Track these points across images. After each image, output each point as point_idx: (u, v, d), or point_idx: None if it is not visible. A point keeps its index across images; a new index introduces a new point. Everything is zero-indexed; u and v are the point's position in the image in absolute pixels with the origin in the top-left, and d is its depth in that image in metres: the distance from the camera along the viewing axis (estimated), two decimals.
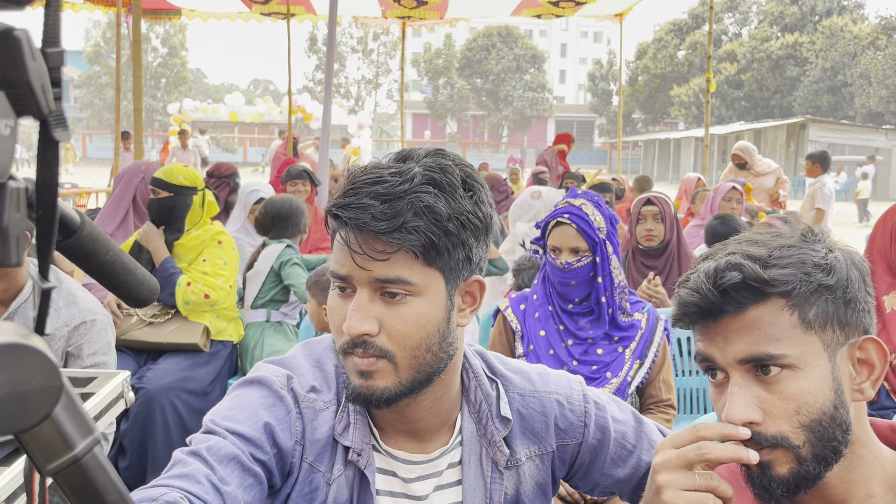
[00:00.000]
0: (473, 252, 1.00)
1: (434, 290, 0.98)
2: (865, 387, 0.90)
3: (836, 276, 0.88)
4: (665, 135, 39.35)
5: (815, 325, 0.87)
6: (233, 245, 3.25)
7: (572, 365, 2.10)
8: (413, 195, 0.94)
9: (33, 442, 0.47)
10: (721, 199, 4.65)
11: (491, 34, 48.30)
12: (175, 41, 46.70)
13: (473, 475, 1.10)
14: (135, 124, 5.76)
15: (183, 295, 3.03)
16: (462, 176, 0.99)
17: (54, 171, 0.48)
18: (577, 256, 2.08)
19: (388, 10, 8.96)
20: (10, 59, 0.43)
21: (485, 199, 1.01)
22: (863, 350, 0.90)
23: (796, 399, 0.86)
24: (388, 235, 0.93)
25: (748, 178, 6.57)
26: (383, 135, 50.74)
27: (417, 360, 0.99)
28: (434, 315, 0.99)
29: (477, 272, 1.04)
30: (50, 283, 0.51)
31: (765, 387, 0.88)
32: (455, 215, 0.96)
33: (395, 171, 0.96)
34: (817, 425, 0.87)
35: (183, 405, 2.85)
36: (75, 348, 2.20)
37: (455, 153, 1.04)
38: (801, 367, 0.87)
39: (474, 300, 1.06)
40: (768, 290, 0.86)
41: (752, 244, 0.91)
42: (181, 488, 0.89)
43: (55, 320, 2.17)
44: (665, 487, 0.88)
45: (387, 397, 0.99)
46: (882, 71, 33.08)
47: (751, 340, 0.87)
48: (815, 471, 0.88)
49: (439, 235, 0.95)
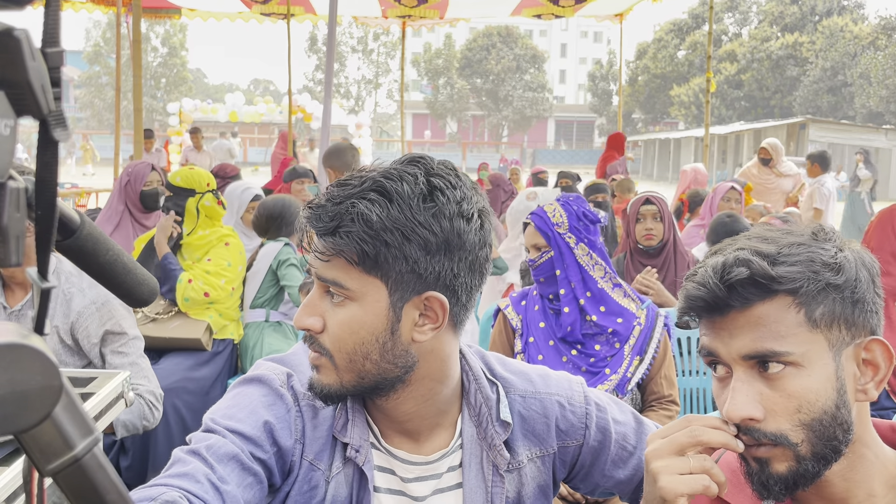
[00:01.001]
0: (422, 266, 0.94)
1: (373, 298, 0.96)
2: (869, 387, 0.90)
3: (844, 276, 0.87)
4: (665, 135, 39.33)
5: (822, 324, 0.87)
6: (241, 249, 3.23)
7: (570, 355, 2.12)
8: (352, 201, 0.93)
9: (33, 442, 0.47)
10: (720, 198, 4.65)
11: (491, 34, 48.31)
12: (175, 41, 46.73)
13: (474, 479, 1.10)
14: (135, 124, 5.76)
15: (183, 291, 3.03)
16: (426, 186, 0.95)
17: (54, 171, 0.48)
18: (539, 253, 2.17)
19: (388, 10, 8.96)
20: (10, 59, 0.43)
21: (449, 213, 0.95)
22: (868, 351, 0.90)
23: (798, 397, 0.86)
24: (325, 238, 0.95)
25: (769, 175, 6.58)
26: (383, 135, 50.74)
27: (355, 364, 0.98)
28: (370, 323, 0.97)
29: (437, 288, 0.97)
30: (49, 283, 0.51)
31: (767, 383, 0.87)
32: (395, 226, 0.92)
33: (360, 175, 0.97)
34: (818, 424, 0.86)
35: (184, 405, 2.85)
36: (113, 324, 2.22)
37: (444, 161, 1.01)
38: (805, 366, 0.86)
39: (437, 318, 0.99)
40: (775, 287, 0.86)
41: (762, 241, 0.90)
42: (180, 487, 0.89)
43: (81, 300, 2.20)
44: (660, 474, 0.88)
45: (328, 393, 1.01)
46: (882, 71, 33.08)
47: (755, 336, 0.87)
48: (814, 469, 0.87)
49: (374, 244, 0.92)
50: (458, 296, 1.00)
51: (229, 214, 3.98)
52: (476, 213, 0.99)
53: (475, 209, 0.99)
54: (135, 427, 2.19)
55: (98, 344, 2.22)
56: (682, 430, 0.89)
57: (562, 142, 57.97)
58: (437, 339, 1.02)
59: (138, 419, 2.19)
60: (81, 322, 2.19)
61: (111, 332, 2.23)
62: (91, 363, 2.26)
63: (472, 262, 0.99)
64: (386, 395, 1.03)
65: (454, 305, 1.00)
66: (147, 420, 2.22)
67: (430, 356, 1.03)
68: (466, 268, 0.99)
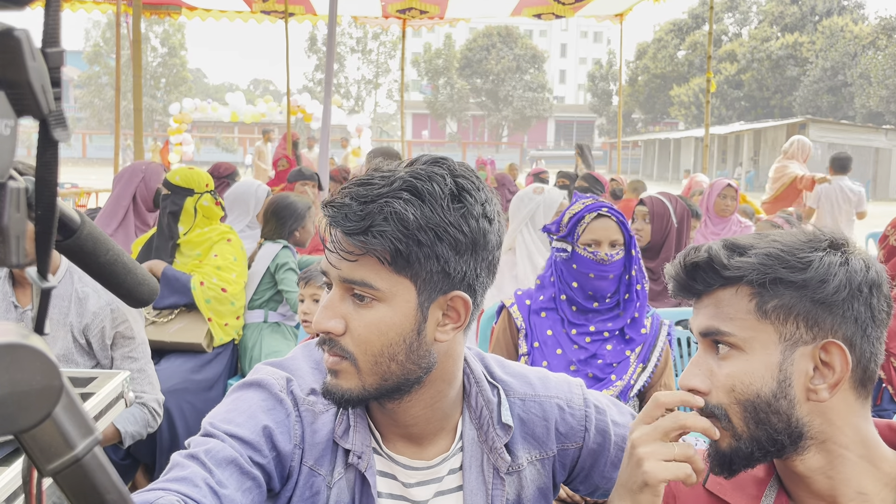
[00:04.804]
0: (451, 266, 0.95)
1: (402, 298, 0.96)
2: (820, 388, 0.91)
3: (808, 275, 0.90)
4: (665, 135, 39.33)
5: (773, 316, 0.92)
6: (241, 245, 3.24)
7: (579, 364, 2.09)
8: (385, 200, 0.92)
9: (33, 442, 0.47)
10: (717, 195, 4.64)
11: (491, 34, 48.31)
12: (174, 41, 46.73)
13: (475, 481, 1.10)
14: (135, 124, 5.75)
15: (202, 295, 3.01)
16: (454, 187, 0.96)
17: (54, 171, 0.48)
18: (616, 249, 2.08)
19: (388, 6, 8.94)
20: (11, 59, 0.42)
21: (476, 213, 0.96)
22: (825, 352, 0.91)
23: (733, 378, 0.93)
24: (355, 237, 0.93)
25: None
26: (383, 135, 50.71)
27: (380, 367, 0.97)
28: (399, 324, 0.96)
29: (461, 288, 0.98)
30: (49, 283, 0.51)
31: (716, 362, 0.95)
32: (430, 226, 0.93)
33: (384, 174, 0.96)
34: (751, 406, 0.92)
35: (188, 407, 2.83)
36: (125, 327, 2.24)
37: (462, 163, 1.02)
38: (746, 350, 0.93)
39: (459, 317, 1.01)
40: (727, 275, 0.94)
41: (753, 237, 0.97)
42: (178, 491, 0.88)
43: (96, 301, 2.21)
44: (646, 459, 0.92)
45: (349, 398, 0.99)
46: (882, 71, 33.07)
47: (709, 315, 0.96)
48: (748, 450, 0.94)
49: (407, 244, 0.92)
50: (478, 295, 1.02)
51: (244, 212, 3.86)
52: (496, 214, 1.01)
53: (496, 210, 1.01)
54: (140, 435, 2.28)
55: (109, 346, 2.24)
56: (666, 417, 0.94)
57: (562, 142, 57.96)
58: (453, 339, 1.02)
59: (143, 428, 2.28)
60: (96, 323, 2.20)
61: (123, 335, 2.24)
62: (99, 364, 2.27)
63: (490, 262, 1.01)
64: (400, 399, 1.02)
65: (473, 305, 1.01)
66: (150, 426, 2.32)
67: (447, 356, 1.03)
68: (486, 268, 1.01)
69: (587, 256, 2.08)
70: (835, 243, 0.94)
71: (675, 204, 3.42)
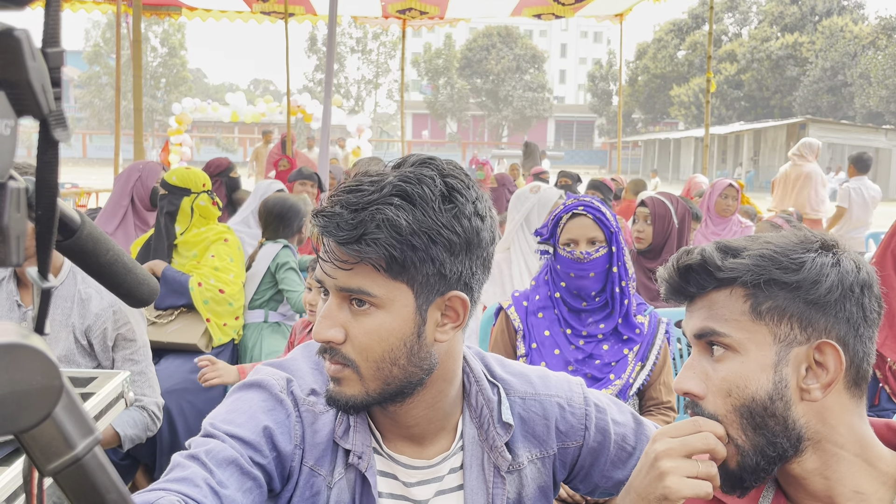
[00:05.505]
0: (447, 267, 0.95)
1: (400, 303, 0.96)
2: (813, 388, 0.91)
3: (801, 276, 0.90)
4: (665, 135, 39.34)
5: (767, 317, 0.92)
6: (238, 245, 3.24)
7: (576, 364, 2.09)
8: (376, 207, 0.92)
9: (33, 442, 0.47)
10: (718, 195, 4.63)
11: (491, 34, 48.32)
12: (174, 41, 46.74)
13: (475, 480, 1.10)
14: (135, 124, 5.75)
15: (200, 296, 3.01)
16: (444, 188, 0.95)
17: (54, 171, 0.48)
18: (595, 247, 2.07)
19: (388, 5, 8.94)
20: (11, 59, 0.42)
21: (468, 212, 0.96)
22: (819, 352, 0.91)
23: (729, 381, 0.92)
24: (348, 246, 0.92)
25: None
26: (383, 135, 50.72)
27: (382, 372, 0.97)
28: (399, 329, 0.96)
29: (458, 288, 0.99)
30: (49, 283, 0.51)
31: (711, 365, 0.95)
32: (423, 230, 0.92)
33: (373, 180, 0.95)
34: (747, 411, 0.92)
35: (189, 407, 2.83)
36: (127, 329, 2.23)
37: (450, 161, 1.01)
38: (741, 352, 0.92)
39: (457, 316, 1.01)
40: (721, 276, 0.93)
41: (747, 239, 0.97)
42: (179, 492, 0.88)
43: (99, 302, 2.21)
44: (669, 474, 0.91)
45: (354, 405, 0.99)
46: (882, 71, 33.08)
47: (703, 316, 0.95)
48: (753, 461, 0.92)
49: (402, 249, 0.92)
50: (475, 293, 1.02)
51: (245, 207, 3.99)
52: (487, 210, 1.01)
53: (487, 207, 1.01)
54: (139, 439, 2.29)
55: (110, 348, 2.24)
56: (697, 435, 0.92)
57: (562, 142, 57.96)
58: (453, 338, 1.03)
59: (143, 432, 2.29)
60: (98, 325, 2.20)
61: (124, 337, 2.24)
62: (100, 366, 2.27)
63: (485, 260, 1.01)
64: (402, 401, 1.02)
65: (471, 302, 1.02)
66: (150, 430, 2.32)
67: (447, 356, 1.04)
68: (481, 265, 1.01)
69: (566, 256, 2.09)
70: (826, 244, 0.94)
71: (675, 204, 3.42)
